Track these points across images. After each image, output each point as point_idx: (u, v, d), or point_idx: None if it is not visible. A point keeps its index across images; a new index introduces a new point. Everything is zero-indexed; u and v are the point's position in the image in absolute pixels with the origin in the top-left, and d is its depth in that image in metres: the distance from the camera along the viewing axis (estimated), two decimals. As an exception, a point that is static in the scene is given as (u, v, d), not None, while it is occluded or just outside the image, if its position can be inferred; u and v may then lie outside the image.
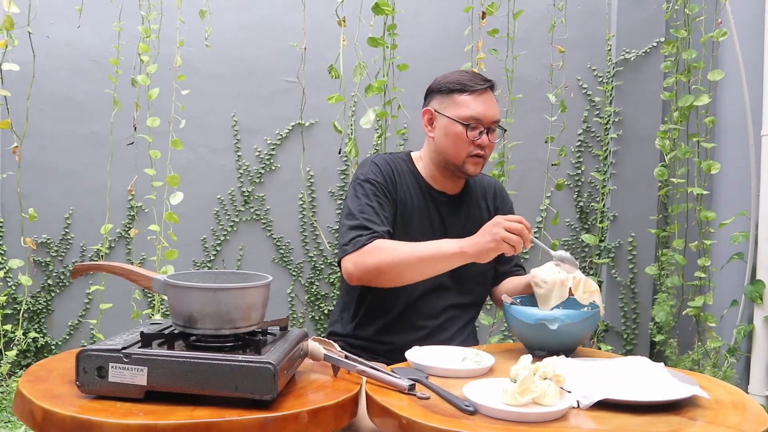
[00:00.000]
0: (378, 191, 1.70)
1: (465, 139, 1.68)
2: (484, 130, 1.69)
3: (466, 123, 1.68)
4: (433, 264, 1.58)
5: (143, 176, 3.07)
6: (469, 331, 1.84)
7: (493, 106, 1.72)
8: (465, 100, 1.69)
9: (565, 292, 1.56)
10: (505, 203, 1.91)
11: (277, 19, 3.54)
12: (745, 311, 2.87)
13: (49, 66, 3.43)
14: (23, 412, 1.12)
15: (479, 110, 1.68)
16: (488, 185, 1.90)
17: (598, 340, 3.49)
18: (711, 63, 3.00)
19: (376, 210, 1.66)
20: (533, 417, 1.08)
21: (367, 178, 1.71)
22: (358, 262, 1.59)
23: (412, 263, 1.57)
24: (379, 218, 1.65)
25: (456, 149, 1.70)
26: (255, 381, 1.08)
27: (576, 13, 3.50)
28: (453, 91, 1.71)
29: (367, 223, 1.63)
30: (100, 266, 1.39)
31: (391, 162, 1.77)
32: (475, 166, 1.72)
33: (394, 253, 1.57)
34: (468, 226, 1.78)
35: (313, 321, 3.63)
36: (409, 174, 1.79)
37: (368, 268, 1.58)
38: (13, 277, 3.44)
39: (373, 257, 1.58)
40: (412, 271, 1.60)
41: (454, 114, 1.69)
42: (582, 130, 3.62)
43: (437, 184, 1.80)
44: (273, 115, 3.58)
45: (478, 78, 1.72)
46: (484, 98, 1.70)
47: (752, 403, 1.22)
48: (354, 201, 1.68)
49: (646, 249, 3.52)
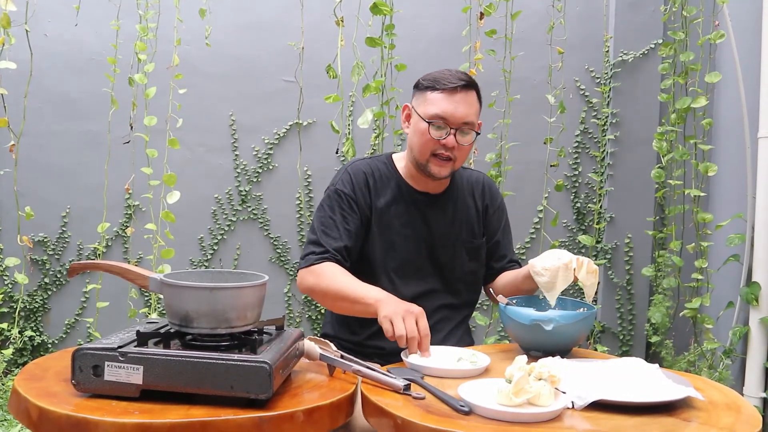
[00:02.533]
0: (343, 203, 1.71)
1: (428, 137, 1.66)
2: (451, 130, 1.65)
3: (429, 121, 1.65)
4: (349, 306, 1.60)
5: (140, 175, 3.07)
6: (462, 332, 1.84)
7: (465, 106, 1.65)
8: (434, 98, 1.66)
9: (570, 275, 1.55)
10: (495, 199, 1.88)
11: (275, 18, 3.54)
12: (741, 313, 2.88)
13: (47, 64, 3.43)
14: (19, 410, 1.12)
15: (446, 109, 1.64)
16: (476, 181, 1.87)
17: (595, 341, 3.49)
18: (708, 65, 3.00)
19: (337, 224, 1.69)
20: (528, 417, 1.08)
21: (336, 189, 1.74)
22: (302, 279, 1.67)
23: (334, 299, 1.62)
24: (338, 232, 1.68)
25: (421, 147, 1.68)
26: (250, 380, 1.08)
27: (574, 15, 3.51)
28: (426, 88, 1.68)
29: (324, 239, 1.67)
30: (96, 265, 1.38)
31: (366, 169, 1.76)
32: (440, 168, 1.68)
33: (326, 283, 1.61)
34: (456, 225, 1.78)
35: (309, 321, 3.63)
36: (388, 177, 1.77)
37: (307, 287, 1.66)
38: (9, 276, 3.44)
39: (311, 280, 1.64)
40: (333, 305, 1.66)
41: (422, 111, 1.67)
42: (579, 131, 3.63)
43: (418, 184, 1.78)
44: (271, 115, 3.58)
45: (455, 77, 1.66)
46: (455, 98, 1.65)
47: (746, 404, 1.22)
48: (319, 212, 1.73)
49: (642, 250, 3.52)
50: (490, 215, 1.86)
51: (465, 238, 1.80)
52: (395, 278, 1.74)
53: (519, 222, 3.62)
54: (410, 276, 1.75)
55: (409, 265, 1.75)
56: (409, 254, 1.74)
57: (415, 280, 1.76)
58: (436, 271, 1.78)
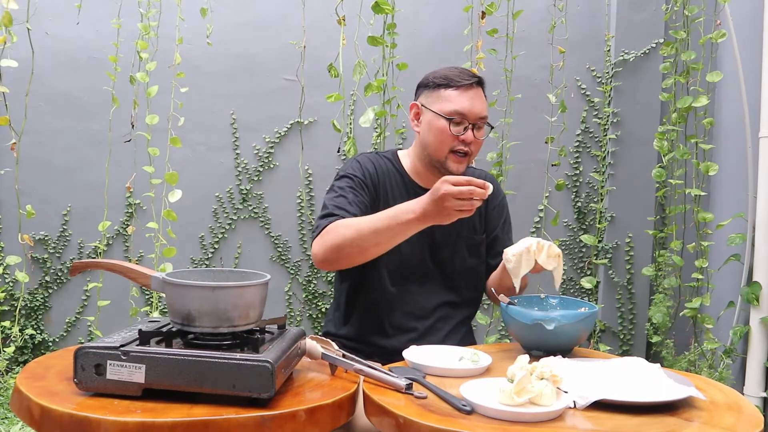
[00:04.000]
0: (355, 184, 1.71)
1: (448, 133, 1.68)
2: (469, 125, 1.68)
3: (450, 117, 1.67)
4: (389, 232, 1.52)
5: (142, 173, 3.07)
6: (464, 331, 1.84)
7: (480, 102, 1.70)
8: (450, 95, 1.69)
9: (531, 260, 1.55)
10: (496, 195, 1.88)
11: (276, 17, 3.54)
12: (742, 313, 2.88)
13: (48, 63, 3.43)
14: (21, 409, 1.12)
15: (464, 105, 1.67)
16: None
17: (597, 341, 3.49)
18: (710, 64, 3.00)
19: (349, 200, 1.67)
20: (530, 417, 1.08)
21: (346, 173, 1.73)
22: (319, 244, 1.59)
23: (368, 235, 1.53)
24: (351, 206, 1.65)
25: (439, 144, 1.70)
26: (252, 379, 1.08)
27: (575, 14, 3.51)
28: (439, 86, 1.71)
29: (335, 210, 1.63)
30: (98, 264, 1.38)
31: (374, 160, 1.78)
32: (458, 164, 1.71)
33: (349, 230, 1.54)
34: (457, 222, 1.78)
35: (311, 319, 3.63)
36: (393, 172, 1.78)
37: (328, 247, 1.57)
38: (10, 274, 3.44)
39: (331, 236, 1.56)
40: (370, 243, 1.55)
41: (438, 108, 1.69)
42: (580, 130, 3.62)
43: (423, 181, 1.79)
44: (272, 114, 3.58)
45: (466, 74, 1.71)
46: (469, 94, 1.69)
47: (747, 404, 1.22)
48: (329, 194, 1.71)
49: (643, 250, 3.52)
50: (490, 211, 1.87)
51: (466, 235, 1.81)
52: (395, 274, 1.74)
53: (520, 221, 3.59)
54: (410, 272, 1.76)
55: (409, 261, 1.75)
56: (409, 250, 1.74)
57: (414, 276, 1.76)
58: (436, 268, 1.79)
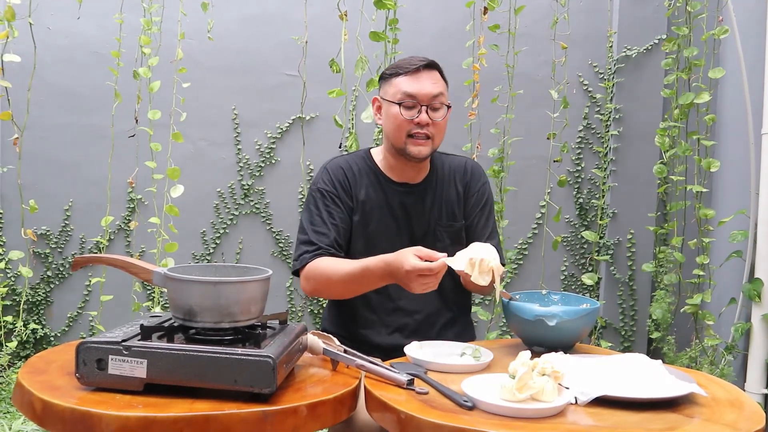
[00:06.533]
0: (327, 199, 1.75)
1: (401, 118, 1.69)
2: (422, 107, 1.69)
3: (400, 102, 1.69)
4: (358, 286, 1.64)
5: (144, 169, 3.07)
6: (461, 326, 1.84)
7: (430, 82, 1.71)
8: (399, 81, 1.71)
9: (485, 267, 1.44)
10: (476, 181, 1.85)
11: (278, 12, 3.53)
12: (743, 309, 2.88)
13: (50, 57, 3.42)
14: (23, 403, 1.12)
15: (412, 87, 1.69)
16: (458, 165, 1.86)
17: (598, 337, 3.50)
18: (712, 61, 2.99)
19: (324, 219, 1.73)
20: (531, 413, 1.08)
21: (318, 188, 1.78)
22: (303, 283, 1.71)
23: (339, 288, 1.67)
24: (327, 227, 1.72)
25: (395, 131, 1.71)
26: (254, 374, 1.08)
27: (577, 10, 3.50)
28: (391, 76, 1.74)
29: (314, 237, 1.71)
30: (100, 259, 1.39)
31: (344, 165, 1.79)
32: (418, 147, 1.70)
33: (323, 277, 1.65)
34: (435, 211, 1.79)
35: (312, 315, 3.64)
36: (367, 171, 1.79)
37: (312, 288, 1.70)
38: (12, 269, 3.44)
39: (311, 282, 1.68)
40: (345, 291, 1.69)
41: (391, 96, 1.72)
42: (582, 126, 3.62)
43: (397, 175, 1.79)
44: (273, 109, 3.58)
45: (415, 59, 1.74)
46: (418, 76, 1.70)
47: (749, 401, 1.22)
48: (305, 213, 1.78)
49: (644, 246, 3.52)
50: (469, 197, 1.84)
51: (445, 222, 1.80)
52: None
53: (521, 217, 3.62)
54: None
55: None
56: (390, 246, 1.73)
57: None
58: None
